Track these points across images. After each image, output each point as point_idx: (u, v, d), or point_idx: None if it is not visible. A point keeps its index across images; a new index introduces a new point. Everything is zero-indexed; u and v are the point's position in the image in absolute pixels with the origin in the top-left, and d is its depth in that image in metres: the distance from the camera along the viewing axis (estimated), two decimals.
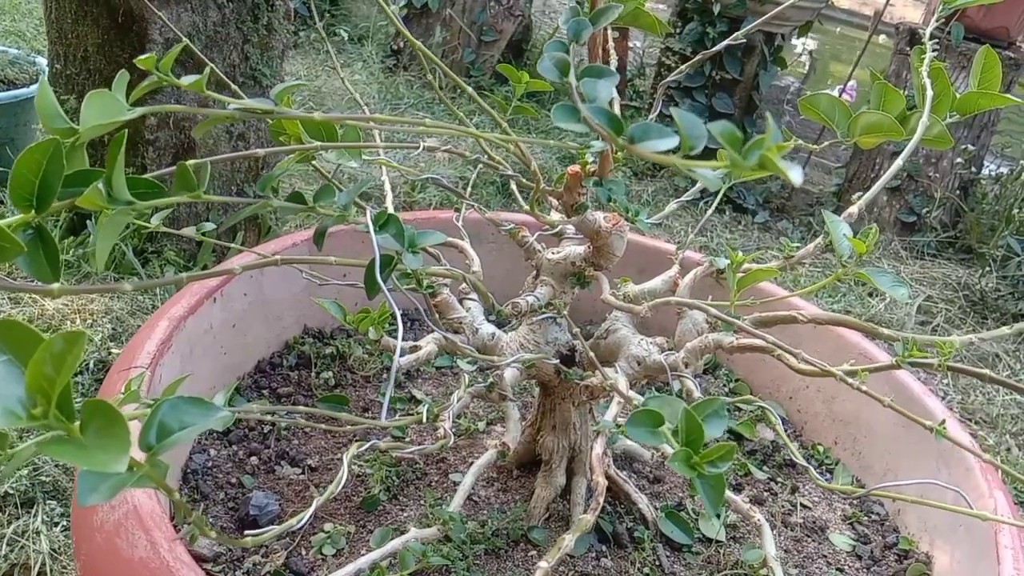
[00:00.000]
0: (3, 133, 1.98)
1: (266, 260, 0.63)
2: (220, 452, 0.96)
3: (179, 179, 0.55)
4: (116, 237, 0.54)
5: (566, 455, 0.93)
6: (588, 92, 0.54)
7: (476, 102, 0.73)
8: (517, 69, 0.81)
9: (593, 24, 0.63)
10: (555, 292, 0.85)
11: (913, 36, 2.81)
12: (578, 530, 0.63)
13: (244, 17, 1.80)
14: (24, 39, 2.91)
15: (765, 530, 0.77)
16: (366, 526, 0.89)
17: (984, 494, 0.87)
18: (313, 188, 1.87)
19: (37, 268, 0.50)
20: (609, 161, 0.78)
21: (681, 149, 0.44)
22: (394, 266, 0.60)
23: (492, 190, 2.64)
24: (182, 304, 0.92)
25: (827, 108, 0.76)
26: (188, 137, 1.80)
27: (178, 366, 0.90)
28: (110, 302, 1.71)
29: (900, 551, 0.98)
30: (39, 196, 0.48)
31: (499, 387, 0.83)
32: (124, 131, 0.51)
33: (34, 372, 0.38)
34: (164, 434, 0.45)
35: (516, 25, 3.47)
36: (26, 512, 1.27)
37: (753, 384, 1.27)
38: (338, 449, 1.01)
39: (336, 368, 1.15)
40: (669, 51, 3.11)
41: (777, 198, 3.15)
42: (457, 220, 1.03)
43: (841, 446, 1.14)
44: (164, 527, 0.65)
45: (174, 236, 1.82)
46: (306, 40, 3.69)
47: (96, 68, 1.72)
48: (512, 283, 1.08)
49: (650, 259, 1.22)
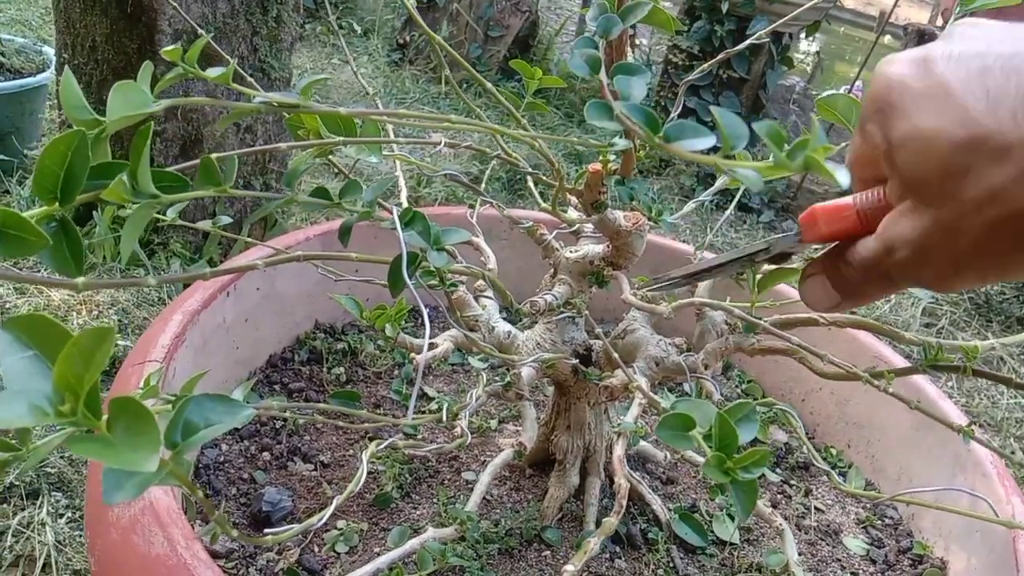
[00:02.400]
0: (9, 122, 1.97)
1: (287, 256, 0.62)
2: (232, 447, 0.95)
3: (203, 172, 0.54)
4: (141, 230, 0.53)
5: (580, 455, 0.92)
6: (622, 90, 0.53)
7: (491, 97, 0.72)
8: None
9: (623, 20, 0.62)
10: (573, 291, 0.84)
11: (922, 37, 2.81)
12: (603, 533, 0.63)
13: (253, 9, 1.78)
14: (30, 28, 2.89)
15: (787, 535, 0.76)
16: (379, 524, 0.89)
17: (1002, 499, 0.86)
18: (320, 183, 1.86)
19: (61, 261, 0.49)
20: (632, 160, 0.78)
21: (722, 149, 0.43)
22: (419, 263, 0.59)
23: (498, 186, 2.63)
24: (196, 298, 0.91)
25: (844, 109, 0.75)
26: (195, 128, 1.80)
27: (191, 360, 0.89)
28: (116, 293, 1.70)
29: (914, 556, 0.97)
30: (63, 188, 0.47)
31: (516, 386, 0.82)
32: (150, 123, 0.50)
33: (62, 368, 0.38)
34: (190, 432, 0.45)
35: (523, 21, 3.46)
36: (31, 504, 1.26)
37: (765, 385, 1.26)
38: (350, 445, 1.00)
39: (347, 364, 1.15)
40: (677, 49, 3.10)
41: (782, 197, 3.14)
42: (471, 217, 1.03)
43: (854, 449, 1.13)
44: (181, 523, 0.65)
45: (180, 228, 1.81)
46: (312, 33, 3.68)
47: (104, 58, 1.71)
48: (524, 280, 1.07)
49: (664, 258, 1.21)
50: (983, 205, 0.38)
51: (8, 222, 0.41)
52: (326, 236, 1.11)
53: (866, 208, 0.44)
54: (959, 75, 0.39)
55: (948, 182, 0.38)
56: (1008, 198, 0.37)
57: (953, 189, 0.38)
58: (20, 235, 0.41)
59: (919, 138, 0.39)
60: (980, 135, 0.37)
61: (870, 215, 0.44)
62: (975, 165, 0.37)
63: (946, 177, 0.38)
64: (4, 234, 0.42)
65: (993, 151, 0.37)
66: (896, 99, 0.40)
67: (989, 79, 0.38)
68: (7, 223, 0.41)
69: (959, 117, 0.38)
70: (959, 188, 0.38)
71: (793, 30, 3.02)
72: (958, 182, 0.38)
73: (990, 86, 0.38)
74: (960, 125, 0.38)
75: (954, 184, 0.38)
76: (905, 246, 0.41)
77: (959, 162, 0.38)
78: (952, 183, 0.38)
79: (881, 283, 0.44)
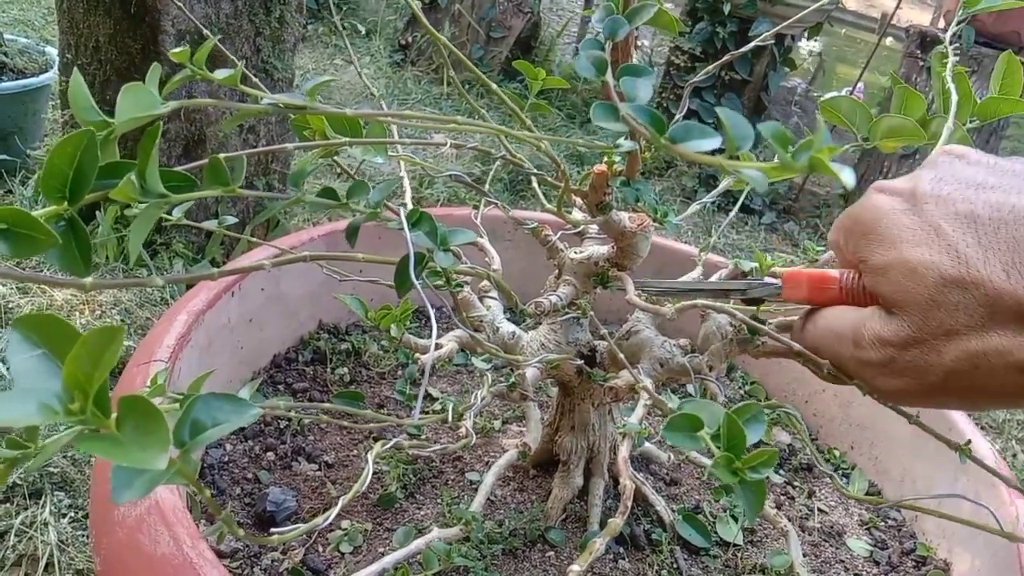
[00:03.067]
0: (12, 122, 1.97)
1: (293, 256, 0.62)
2: (236, 447, 0.95)
3: (211, 172, 0.54)
4: (148, 230, 0.53)
5: (584, 456, 0.92)
6: (628, 91, 0.53)
7: (493, 98, 0.72)
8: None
9: (629, 22, 0.62)
10: (578, 292, 0.85)
11: (924, 39, 2.81)
12: (608, 533, 0.63)
13: (257, 9, 1.79)
14: (33, 28, 2.90)
15: (792, 536, 0.76)
16: (383, 524, 0.89)
17: (1006, 502, 0.86)
18: (322, 183, 1.86)
19: (69, 260, 0.49)
20: (638, 162, 0.78)
21: (727, 150, 0.43)
22: (426, 264, 0.59)
23: (500, 187, 2.63)
24: (201, 298, 0.91)
25: (848, 111, 0.75)
26: (199, 129, 1.80)
27: (196, 360, 0.89)
28: (119, 293, 1.70)
29: (918, 557, 0.97)
30: (72, 187, 0.48)
31: (521, 387, 0.82)
32: (159, 124, 0.50)
33: (72, 367, 0.38)
34: (197, 431, 0.45)
35: (525, 22, 3.46)
36: (34, 503, 1.26)
37: (768, 387, 1.26)
38: (354, 445, 1.00)
39: (351, 364, 1.15)
40: (679, 50, 3.10)
41: (784, 199, 3.14)
42: (475, 217, 1.03)
43: (857, 451, 1.13)
44: (186, 523, 0.65)
45: (183, 228, 1.82)
46: (314, 34, 3.68)
47: (107, 59, 1.71)
48: (528, 281, 1.08)
49: (667, 259, 1.22)
50: (966, 346, 0.40)
51: (17, 221, 0.41)
52: (330, 237, 1.11)
53: (848, 287, 0.48)
54: (947, 217, 0.41)
55: (933, 312, 0.40)
56: (998, 352, 0.39)
57: (939, 320, 0.40)
58: (30, 234, 0.42)
59: (906, 268, 0.41)
60: (973, 279, 0.39)
61: (851, 293, 0.47)
62: (964, 303, 0.39)
63: (933, 306, 0.40)
64: (13, 233, 0.42)
65: (983, 299, 0.39)
66: (883, 229, 0.43)
67: (980, 228, 0.40)
68: (17, 222, 0.41)
69: (950, 256, 0.40)
70: (945, 320, 0.40)
71: (795, 32, 3.02)
72: (946, 314, 0.40)
73: (980, 235, 0.40)
74: (952, 262, 0.40)
75: (940, 315, 0.40)
76: (875, 347, 0.43)
77: (948, 298, 0.40)
78: (938, 314, 0.40)
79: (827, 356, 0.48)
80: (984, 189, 0.41)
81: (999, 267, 0.39)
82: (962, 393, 0.41)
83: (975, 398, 0.41)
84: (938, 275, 0.40)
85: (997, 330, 0.39)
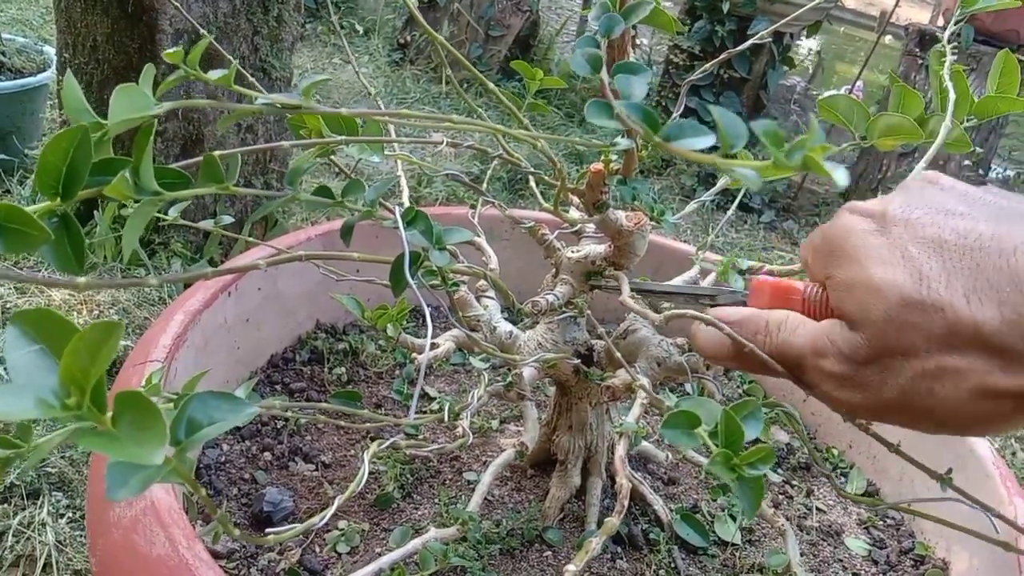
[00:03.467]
0: (10, 121, 1.97)
1: (290, 255, 0.62)
2: (233, 447, 0.95)
3: (206, 170, 0.54)
4: (142, 228, 0.53)
5: (582, 455, 0.92)
6: (623, 88, 0.53)
7: (492, 97, 0.72)
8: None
9: (625, 20, 0.62)
10: (575, 291, 0.84)
11: (923, 37, 2.81)
12: (605, 533, 0.63)
13: (254, 8, 1.78)
14: (31, 27, 2.90)
15: (789, 536, 0.76)
16: (380, 524, 0.88)
17: (1004, 501, 0.86)
18: (319, 182, 1.85)
19: (62, 258, 0.49)
20: (634, 160, 0.77)
21: (721, 148, 0.43)
22: (421, 263, 0.59)
23: (499, 186, 2.63)
24: (197, 297, 0.91)
25: (846, 110, 0.75)
26: (196, 128, 1.80)
27: (193, 360, 0.89)
28: (117, 293, 1.70)
29: (916, 556, 0.97)
30: (66, 183, 0.47)
31: (518, 386, 0.82)
32: (153, 121, 0.50)
33: (69, 362, 0.37)
34: (193, 429, 0.44)
35: (523, 21, 3.46)
36: (32, 503, 1.26)
37: (766, 386, 1.26)
38: (351, 445, 1.00)
39: (349, 364, 1.15)
40: (677, 48, 3.10)
41: (783, 198, 3.14)
42: (472, 217, 1.02)
43: (855, 450, 1.13)
44: (182, 523, 0.64)
45: (181, 228, 1.81)
46: (312, 33, 3.68)
47: (105, 58, 1.71)
48: (525, 280, 1.07)
49: (664, 257, 1.22)
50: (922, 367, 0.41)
51: (10, 216, 0.41)
52: (327, 236, 1.11)
53: (811, 301, 0.48)
54: (915, 240, 0.42)
55: (893, 331, 0.41)
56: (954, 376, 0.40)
57: (897, 339, 0.41)
58: (22, 229, 0.41)
59: (870, 285, 0.42)
60: (934, 301, 0.40)
61: (813, 307, 0.48)
62: (923, 325, 0.40)
63: (893, 325, 0.41)
64: (6, 228, 0.42)
65: (942, 321, 0.40)
66: (851, 248, 0.44)
67: (945, 253, 0.41)
68: (9, 217, 0.41)
69: (913, 278, 0.41)
70: (903, 340, 0.41)
71: (794, 30, 3.02)
72: (905, 334, 0.41)
73: (945, 259, 0.40)
74: (915, 284, 0.40)
75: (899, 335, 0.41)
76: (836, 359, 0.44)
77: (908, 318, 0.40)
78: (897, 333, 0.41)
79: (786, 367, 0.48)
80: (953, 216, 0.42)
81: (960, 292, 0.39)
82: (918, 414, 0.42)
83: (932, 420, 0.42)
84: (899, 295, 0.40)
85: (955, 354, 0.39)
